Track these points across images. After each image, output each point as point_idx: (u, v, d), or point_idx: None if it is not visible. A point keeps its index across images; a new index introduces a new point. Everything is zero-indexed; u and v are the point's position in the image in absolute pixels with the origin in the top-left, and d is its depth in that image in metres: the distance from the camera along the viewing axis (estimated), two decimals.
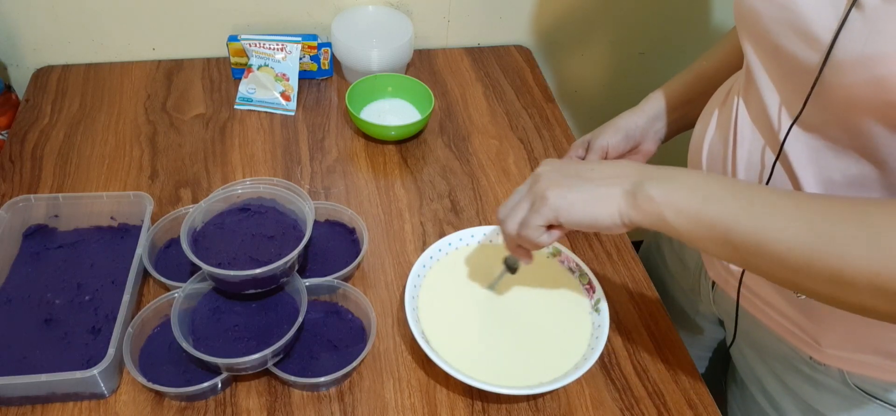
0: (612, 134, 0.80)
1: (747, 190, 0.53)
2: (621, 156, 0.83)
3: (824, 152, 0.56)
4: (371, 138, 0.99)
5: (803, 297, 0.63)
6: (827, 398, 0.67)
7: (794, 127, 0.57)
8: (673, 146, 0.86)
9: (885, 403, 0.64)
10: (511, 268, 0.72)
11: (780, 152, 0.59)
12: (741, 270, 0.68)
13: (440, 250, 0.77)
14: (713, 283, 0.77)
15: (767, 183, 0.61)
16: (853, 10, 0.48)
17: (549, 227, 0.59)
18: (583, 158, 0.82)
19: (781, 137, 0.58)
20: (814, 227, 0.47)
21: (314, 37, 1.07)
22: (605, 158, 0.81)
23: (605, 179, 0.56)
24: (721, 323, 0.83)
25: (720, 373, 0.86)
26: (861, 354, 0.62)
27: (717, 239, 0.51)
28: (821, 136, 0.56)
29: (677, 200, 0.52)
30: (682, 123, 0.81)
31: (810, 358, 0.66)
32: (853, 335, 0.62)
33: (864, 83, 0.49)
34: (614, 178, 0.56)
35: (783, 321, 0.67)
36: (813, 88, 0.53)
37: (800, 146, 0.57)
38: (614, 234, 0.75)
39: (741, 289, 0.69)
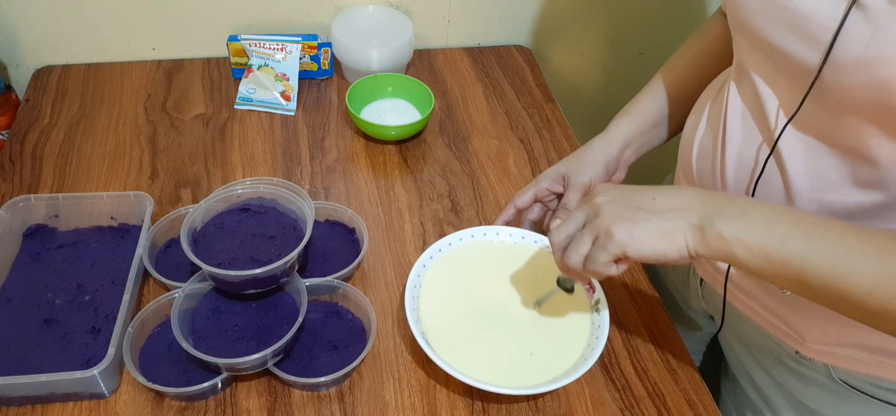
0: (592, 167, 0.76)
1: (821, 227, 0.51)
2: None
3: (818, 151, 0.56)
4: (371, 138, 0.99)
5: (789, 293, 0.63)
6: (813, 392, 0.67)
7: (790, 125, 0.57)
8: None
9: (870, 396, 0.64)
10: (567, 288, 0.70)
11: (773, 149, 0.59)
12: (727, 266, 0.68)
13: (440, 250, 0.77)
14: (701, 279, 0.77)
15: (758, 179, 0.61)
16: (854, 9, 0.48)
17: (617, 259, 0.57)
18: (560, 194, 0.77)
19: (776, 135, 0.58)
20: (893, 271, 0.46)
21: (314, 37, 1.07)
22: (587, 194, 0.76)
23: (670, 212, 0.54)
24: (712, 318, 0.83)
25: (714, 366, 0.86)
26: (845, 348, 0.63)
27: (790, 277, 0.51)
28: (816, 135, 0.56)
29: (749, 240, 0.51)
30: (647, 146, 0.80)
31: (796, 352, 0.67)
32: (836, 331, 0.62)
33: (865, 85, 0.48)
34: (680, 211, 0.54)
35: (769, 317, 0.68)
36: (811, 87, 0.53)
37: (794, 144, 0.57)
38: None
39: (728, 285, 0.70)
